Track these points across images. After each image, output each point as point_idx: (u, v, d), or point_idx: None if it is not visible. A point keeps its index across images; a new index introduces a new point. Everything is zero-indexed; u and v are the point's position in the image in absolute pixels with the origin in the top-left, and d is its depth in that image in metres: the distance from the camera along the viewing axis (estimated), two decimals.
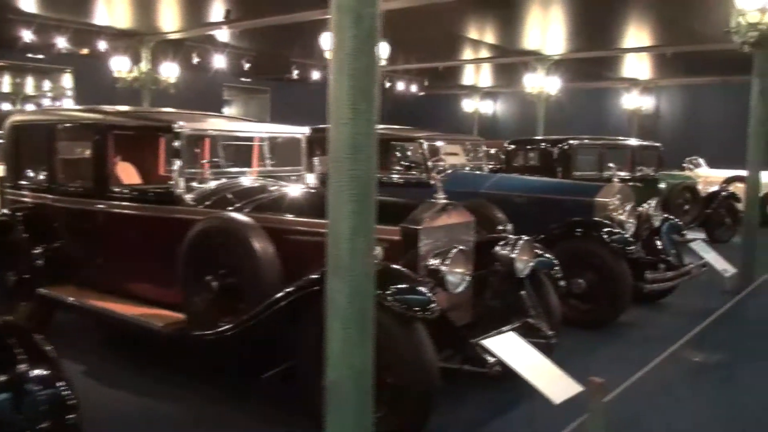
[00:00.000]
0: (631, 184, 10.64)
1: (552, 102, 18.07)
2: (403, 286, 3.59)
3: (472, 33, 16.13)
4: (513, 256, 4.37)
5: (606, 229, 6.19)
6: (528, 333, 4.40)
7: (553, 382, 3.13)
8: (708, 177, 15.67)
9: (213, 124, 5.24)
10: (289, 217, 4.58)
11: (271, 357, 4.17)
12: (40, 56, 18.09)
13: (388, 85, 22.77)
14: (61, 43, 14.32)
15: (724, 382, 5.02)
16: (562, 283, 6.17)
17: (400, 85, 23.19)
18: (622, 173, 10.62)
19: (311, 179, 5.87)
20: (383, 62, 11.60)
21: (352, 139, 2.22)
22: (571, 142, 10.30)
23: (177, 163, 4.77)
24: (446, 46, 18.02)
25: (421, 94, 26.54)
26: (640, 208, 7.09)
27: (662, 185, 12.06)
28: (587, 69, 19.39)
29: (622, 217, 6.57)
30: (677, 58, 16.64)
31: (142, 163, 6.26)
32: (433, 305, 3.54)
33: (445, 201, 4.26)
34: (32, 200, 5.95)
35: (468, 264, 3.94)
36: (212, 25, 13.61)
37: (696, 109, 21.73)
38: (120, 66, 15.31)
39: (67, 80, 19.59)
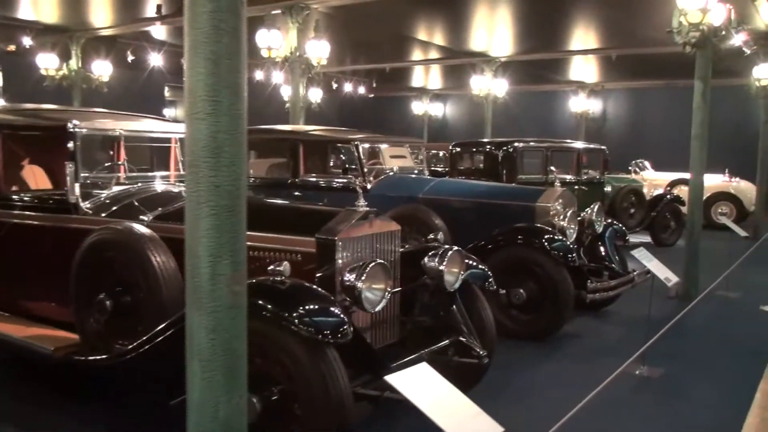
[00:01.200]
0: (576, 187, 10.60)
1: (500, 104, 17.94)
2: (312, 306, 3.18)
3: (419, 33, 15.85)
4: (442, 268, 4.00)
5: (546, 236, 5.89)
6: (459, 352, 4.07)
7: (467, 423, 2.75)
8: (653, 180, 15.74)
9: (119, 124, 4.72)
10: None
11: (180, 381, 3.71)
12: None
13: (335, 86, 22.35)
14: None
15: (672, 398, 4.75)
16: (502, 291, 5.96)
17: (347, 87, 22.72)
18: (568, 176, 10.55)
19: None
20: (323, 61, 11.18)
21: (212, 139, 1.80)
22: (515, 144, 10.07)
23: (70, 167, 4.26)
24: (393, 47, 17.71)
25: (370, 96, 26.22)
26: (583, 213, 6.85)
27: (608, 188, 11.97)
28: (535, 71, 19.35)
29: (563, 223, 6.29)
30: (623, 61, 16.69)
31: (56, 167, 5.69)
32: (345, 327, 3.14)
33: (366, 209, 3.86)
34: None
35: (388, 279, 3.55)
36: (145, 20, 12.97)
37: (642, 112, 21.94)
38: (47, 63, 14.48)
39: None
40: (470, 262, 4.38)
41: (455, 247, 4.15)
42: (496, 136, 16.03)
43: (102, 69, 15.04)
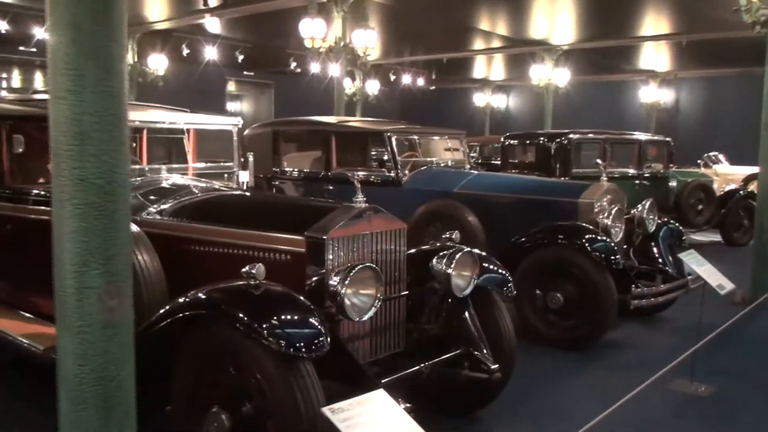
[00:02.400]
0: (637, 182, 9.91)
1: (562, 96, 17.16)
2: (286, 315, 2.84)
3: (478, 21, 15.27)
4: (450, 271, 3.59)
5: (588, 236, 5.37)
6: (470, 365, 3.66)
7: None
8: (727, 174, 14.66)
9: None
10: (191, 223, 3.86)
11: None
12: (33, 50, 17.68)
13: (393, 78, 21.98)
14: (40, 33, 13.71)
15: (722, 420, 4.20)
16: (538, 291, 5.48)
17: (406, 79, 22.30)
18: (630, 170, 9.86)
19: (245, 177, 5.14)
20: (370, 51, 10.83)
21: (74, 122, 1.47)
22: (570, 136, 9.50)
23: None
24: (451, 37, 17.18)
25: (431, 88, 25.73)
26: (633, 211, 6.26)
27: (673, 183, 11.17)
28: (600, 60, 18.41)
29: (608, 221, 5.74)
30: (695, 47, 15.65)
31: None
32: (321, 339, 2.80)
33: (364, 205, 3.49)
34: None
35: (379, 284, 3.17)
36: (195, 12, 12.94)
37: (718, 102, 20.60)
38: None
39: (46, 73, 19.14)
40: (488, 265, 3.95)
41: (466, 248, 3.73)
42: (558, 128, 15.34)
43: (157, 63, 15.17)
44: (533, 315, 5.57)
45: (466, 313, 3.74)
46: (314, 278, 3.29)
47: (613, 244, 5.41)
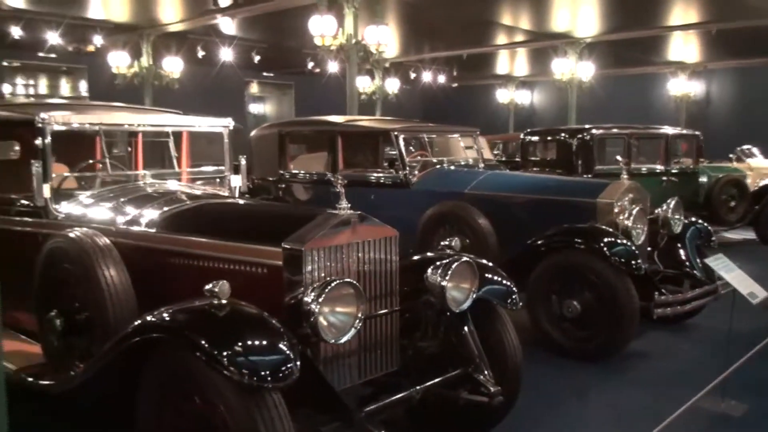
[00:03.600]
0: (665, 178, 9.43)
1: (586, 90, 16.62)
2: (251, 339, 2.53)
3: (497, 16, 14.83)
4: (444, 283, 3.25)
5: (606, 239, 4.98)
6: (470, 387, 3.32)
7: None
8: (761, 168, 14.02)
9: (100, 117, 4.24)
10: (165, 234, 3.57)
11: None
12: (53, 55, 17.73)
13: (413, 76, 21.60)
14: (53, 39, 13.67)
15: None
16: (553, 297, 5.11)
17: (427, 76, 21.90)
18: (658, 166, 9.42)
19: (237, 181, 4.84)
20: (384, 48, 10.50)
21: None
22: (592, 132, 9.12)
23: (36, 166, 3.81)
24: (471, 32, 16.74)
25: (453, 85, 25.29)
26: (657, 210, 5.84)
27: (703, 179, 10.65)
28: (626, 53, 17.79)
29: (628, 222, 5.33)
30: (725, 36, 14.98)
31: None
32: (289, 367, 2.48)
33: (348, 212, 3.16)
34: None
35: (360, 302, 2.84)
36: (207, 13, 12.75)
37: (751, 94, 19.80)
38: (119, 62, 14.62)
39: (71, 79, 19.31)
40: (490, 275, 3.59)
41: (465, 258, 3.37)
42: (583, 124, 14.83)
43: (173, 66, 15.03)
44: (548, 323, 5.20)
45: (466, 329, 3.40)
46: (292, 294, 2.97)
47: (634, 248, 5.01)
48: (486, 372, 3.30)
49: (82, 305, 3.39)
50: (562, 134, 9.84)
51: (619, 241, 5.01)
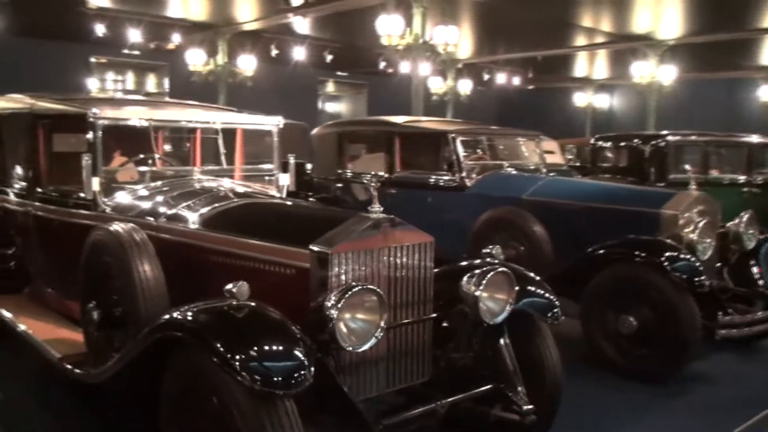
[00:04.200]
0: (746, 189, 8.88)
1: (670, 95, 15.90)
2: (267, 344, 2.48)
3: (574, 17, 14.42)
4: (478, 293, 3.11)
5: (667, 253, 4.68)
6: (503, 404, 3.17)
7: None
8: None
9: (151, 113, 4.31)
10: (202, 232, 3.58)
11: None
12: (136, 53, 18.43)
13: (486, 77, 21.29)
14: (135, 36, 14.19)
15: None
16: (611, 312, 4.86)
17: (501, 78, 21.54)
18: (741, 177, 8.89)
19: (285, 180, 4.83)
20: (451, 48, 10.34)
21: None
22: (668, 138, 8.70)
23: (86, 159, 3.89)
24: (548, 33, 16.36)
25: (529, 87, 24.81)
26: (728, 224, 5.47)
27: None
28: (713, 55, 16.94)
29: (693, 236, 5.01)
30: None
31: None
32: (302, 374, 2.41)
33: (380, 215, 3.07)
34: None
35: (383, 309, 2.74)
36: (280, 12, 12.93)
37: None
38: (195, 59, 15.04)
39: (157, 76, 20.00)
40: (530, 286, 3.43)
41: (502, 267, 3.23)
42: (662, 130, 14.20)
43: (247, 64, 15.34)
44: (603, 339, 4.95)
45: (501, 343, 3.25)
46: (317, 298, 2.90)
47: (698, 263, 4.69)
48: (519, 389, 3.15)
49: (119, 298, 3.44)
50: (635, 140, 9.45)
51: (681, 255, 4.70)
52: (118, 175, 4.35)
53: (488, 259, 3.50)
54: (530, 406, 3.07)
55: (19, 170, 4.85)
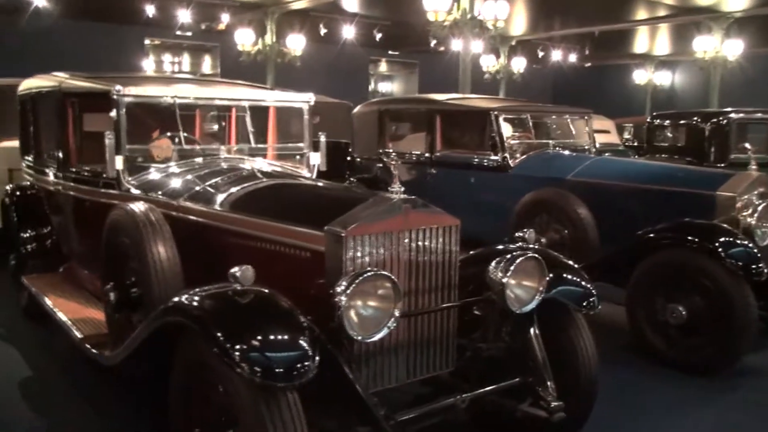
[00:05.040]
0: None
1: (733, 71, 15.05)
2: (269, 333, 2.33)
3: None
4: (505, 280, 2.89)
5: (722, 238, 4.34)
6: (532, 399, 2.95)
7: None
8: None
9: (174, 90, 4.19)
10: (220, 212, 3.46)
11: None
12: (188, 34, 18.57)
13: (541, 55, 20.66)
14: (185, 17, 14.24)
15: None
16: (659, 300, 4.55)
17: (556, 55, 20.87)
18: None
19: (315, 159, 4.67)
20: (501, 24, 9.96)
21: None
22: (731, 116, 8.22)
23: (109, 137, 3.81)
24: (606, 7, 15.66)
25: (587, 65, 24.01)
26: None
27: None
28: None
29: (752, 220, 4.64)
30: None
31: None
32: (306, 365, 2.26)
33: (401, 196, 2.87)
34: (31, 179, 5.42)
35: (397, 296, 2.55)
36: None
37: None
38: (244, 39, 15.00)
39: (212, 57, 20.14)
40: (564, 273, 3.19)
41: (531, 252, 2.99)
42: (726, 107, 13.45)
43: (295, 43, 15.23)
44: (650, 328, 4.65)
45: (531, 333, 3.02)
46: (331, 283, 2.73)
47: (756, 250, 4.33)
48: (549, 383, 2.92)
49: (136, 279, 3.36)
50: (694, 118, 8.95)
51: (738, 241, 4.35)
52: (154, 154, 4.26)
53: (520, 244, 3.26)
54: (559, 403, 2.85)
55: (51, 149, 4.84)
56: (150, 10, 14.21)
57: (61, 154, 4.62)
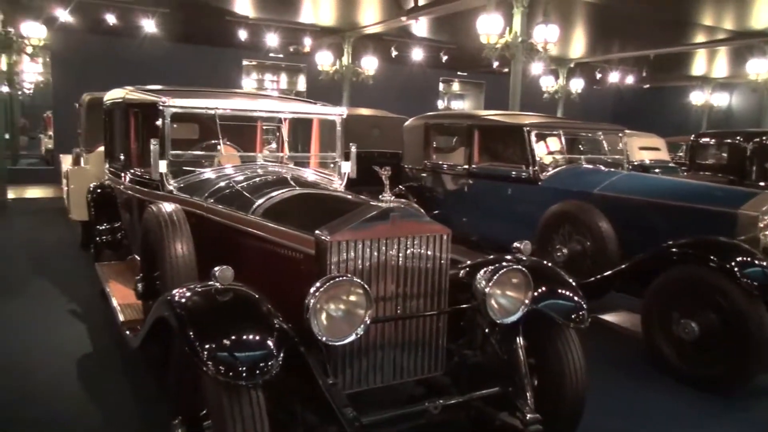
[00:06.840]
0: None
1: None
2: (239, 332, 2.18)
3: (693, 13, 12.85)
4: (487, 290, 2.63)
5: (739, 257, 3.89)
6: (510, 411, 2.68)
7: None
8: None
9: (215, 102, 4.14)
10: (233, 212, 3.36)
11: None
12: (281, 56, 18.87)
13: (599, 76, 19.75)
14: (273, 41, 14.46)
15: None
16: (674, 314, 4.13)
17: (614, 77, 19.91)
18: None
19: (346, 167, 4.53)
20: (550, 46, 9.53)
21: None
22: None
23: (154, 144, 3.80)
24: (663, 32, 14.76)
25: (645, 87, 22.80)
26: None
27: None
28: None
29: None
30: None
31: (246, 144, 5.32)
32: (269, 364, 2.10)
33: (390, 204, 2.67)
34: (108, 179, 5.54)
35: (368, 303, 2.34)
36: (395, 17, 12.60)
37: None
38: (323, 60, 15.10)
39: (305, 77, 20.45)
40: (554, 286, 2.90)
41: (517, 265, 2.72)
42: None
43: (369, 64, 15.19)
44: (664, 342, 4.24)
45: (516, 344, 2.75)
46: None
47: None
48: (528, 395, 2.64)
49: (159, 273, 3.31)
50: (737, 137, 8.29)
51: (756, 261, 3.89)
52: (221, 159, 4.22)
53: (517, 255, 2.99)
54: (535, 415, 2.56)
55: (119, 152, 4.92)
56: (243, 34, 14.50)
57: (123, 157, 4.68)
